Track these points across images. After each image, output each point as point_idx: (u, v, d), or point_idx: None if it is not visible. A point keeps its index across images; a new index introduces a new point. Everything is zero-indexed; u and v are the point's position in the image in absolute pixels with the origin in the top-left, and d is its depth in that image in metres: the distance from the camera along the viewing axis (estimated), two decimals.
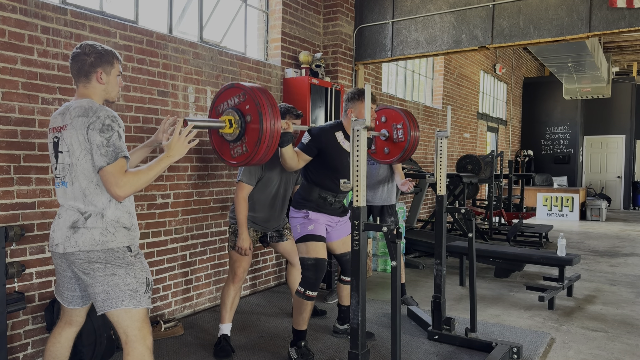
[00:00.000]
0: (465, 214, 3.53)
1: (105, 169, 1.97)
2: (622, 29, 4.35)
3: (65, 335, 2.30)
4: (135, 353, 2.06)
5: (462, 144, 10.00)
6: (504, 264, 5.45)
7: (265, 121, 2.19)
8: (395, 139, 3.68)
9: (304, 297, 3.08)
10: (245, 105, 2.26)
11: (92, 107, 2.01)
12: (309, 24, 5.39)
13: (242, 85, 2.29)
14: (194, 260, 4.19)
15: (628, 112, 13.47)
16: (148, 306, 2.12)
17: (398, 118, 3.65)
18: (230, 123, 2.26)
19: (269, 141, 2.21)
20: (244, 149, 2.25)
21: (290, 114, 3.38)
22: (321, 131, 3.11)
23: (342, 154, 3.12)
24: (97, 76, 2.11)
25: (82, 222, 2.03)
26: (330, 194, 3.20)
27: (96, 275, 2.03)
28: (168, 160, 2.09)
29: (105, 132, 1.97)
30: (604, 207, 11.12)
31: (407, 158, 3.77)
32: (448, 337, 3.51)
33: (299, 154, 3.05)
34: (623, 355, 3.38)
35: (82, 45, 2.12)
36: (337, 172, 3.15)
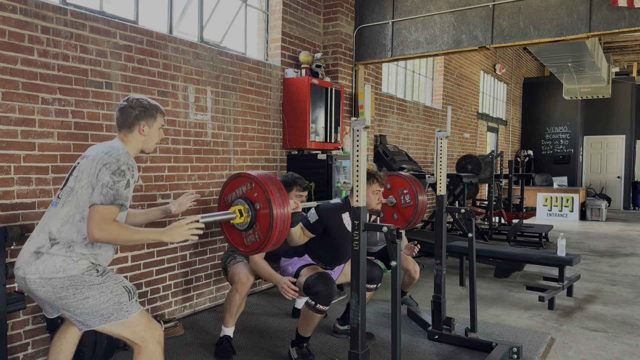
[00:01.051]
0: (465, 214, 3.53)
1: (97, 207, 1.97)
2: (622, 29, 4.35)
3: (71, 332, 2.32)
4: (146, 351, 2.08)
5: (462, 144, 10.00)
6: (504, 264, 5.45)
7: (275, 207, 2.21)
8: (403, 204, 3.68)
9: (314, 310, 2.98)
10: (253, 193, 2.29)
11: (119, 150, 2.08)
12: (309, 24, 5.39)
13: (248, 174, 2.33)
14: (194, 260, 4.19)
15: (628, 112, 13.47)
16: (139, 309, 2.11)
17: (403, 184, 3.67)
18: (241, 213, 2.29)
19: (281, 226, 2.24)
20: (257, 237, 2.28)
21: (297, 186, 3.36)
22: (328, 212, 3.07)
23: (345, 236, 3.11)
24: (140, 128, 2.21)
25: (47, 247, 2.02)
26: (322, 265, 3.26)
27: (67, 302, 2.01)
28: (160, 237, 2.05)
29: (116, 175, 2.01)
30: (604, 207, 11.12)
31: (417, 223, 3.75)
32: (448, 337, 3.51)
33: (304, 230, 3.04)
34: (623, 355, 3.38)
35: (130, 99, 2.22)
36: (336, 251, 3.19)
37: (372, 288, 3.38)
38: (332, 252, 3.21)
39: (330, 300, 2.96)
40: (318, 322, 3.07)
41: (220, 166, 4.37)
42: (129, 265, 3.64)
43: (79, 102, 3.28)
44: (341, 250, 3.19)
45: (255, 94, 4.73)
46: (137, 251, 3.71)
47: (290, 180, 3.38)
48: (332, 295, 2.95)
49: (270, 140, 4.93)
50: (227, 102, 4.42)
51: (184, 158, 4.04)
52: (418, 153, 8.24)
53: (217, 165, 4.34)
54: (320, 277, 2.97)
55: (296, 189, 3.37)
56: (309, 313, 3.01)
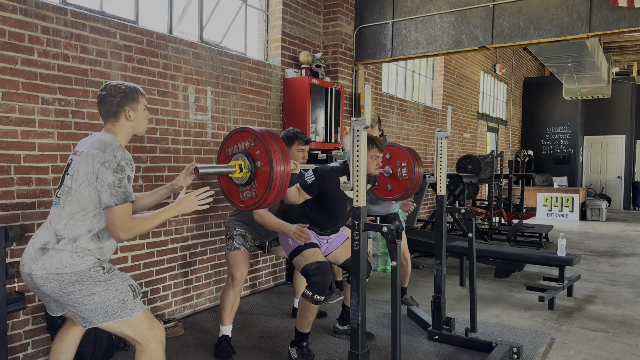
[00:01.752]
0: (465, 214, 3.53)
1: (113, 209, 2.00)
2: (622, 29, 4.35)
3: (72, 332, 2.33)
4: (148, 351, 2.09)
5: (462, 144, 10.00)
6: (504, 264, 5.45)
7: (276, 168, 2.20)
8: (399, 177, 3.69)
9: (311, 300, 3.03)
10: (255, 150, 2.27)
11: (112, 145, 2.06)
12: (309, 24, 5.39)
13: (253, 130, 2.30)
14: (194, 261, 4.19)
15: (628, 112, 13.47)
16: (143, 309, 2.11)
17: (403, 156, 3.68)
18: (241, 168, 2.28)
19: (279, 187, 2.22)
20: (253, 194, 2.26)
21: (299, 140, 3.35)
22: (326, 174, 3.07)
23: (342, 199, 3.11)
24: (125, 114, 2.18)
25: (52, 243, 2.03)
26: (318, 229, 3.24)
27: (73, 298, 2.02)
28: (174, 212, 2.14)
29: (118, 172, 2.01)
30: (604, 207, 11.12)
31: (410, 196, 3.76)
32: (448, 337, 3.51)
33: (301, 191, 3.04)
34: (623, 355, 3.38)
35: (106, 87, 2.18)
36: (333, 214, 3.18)
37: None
38: (327, 215, 3.18)
39: (325, 291, 3.04)
40: (315, 314, 3.10)
41: None
42: (129, 265, 3.64)
43: (79, 102, 3.28)
44: (336, 214, 3.17)
45: (256, 94, 4.73)
46: (137, 251, 3.71)
47: (292, 135, 3.35)
48: (327, 286, 3.05)
49: None
50: (227, 102, 4.42)
51: (184, 158, 4.04)
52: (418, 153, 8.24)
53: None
54: (319, 268, 3.02)
55: (298, 142, 3.34)
56: (306, 304, 3.06)
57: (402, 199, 3.79)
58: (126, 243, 3.60)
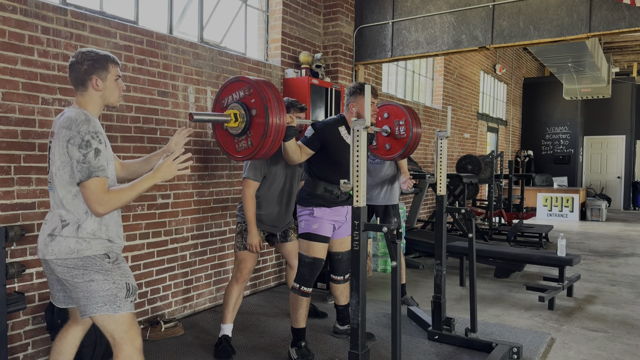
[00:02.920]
0: (465, 214, 3.53)
1: (83, 184, 1.98)
2: (622, 29, 4.35)
3: (72, 333, 2.32)
4: (123, 355, 2.06)
5: (462, 144, 10.00)
6: (504, 264, 5.45)
7: (271, 115, 2.17)
8: (397, 135, 3.68)
9: (299, 292, 3.12)
10: (250, 99, 2.24)
11: (77, 120, 1.99)
12: (309, 24, 5.40)
13: (248, 78, 2.27)
14: (194, 261, 4.19)
15: (628, 112, 13.47)
16: (130, 311, 2.10)
17: (400, 114, 3.66)
18: (236, 117, 2.24)
19: (275, 135, 2.19)
20: (249, 143, 2.24)
21: (294, 108, 3.37)
22: (324, 125, 3.12)
23: (345, 148, 3.13)
24: (93, 83, 2.07)
25: (58, 230, 2.04)
26: (335, 187, 3.21)
27: (76, 281, 2.03)
28: (152, 181, 2.07)
29: (83, 148, 1.96)
30: (604, 207, 11.12)
31: (409, 154, 3.77)
32: (448, 338, 3.51)
33: (302, 147, 3.06)
34: (623, 355, 3.38)
35: (77, 53, 2.08)
36: (340, 165, 3.17)
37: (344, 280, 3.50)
38: (334, 168, 3.17)
39: (311, 284, 3.15)
40: (306, 307, 3.15)
41: (220, 166, 4.37)
42: (129, 265, 3.64)
43: None
44: (342, 165, 3.15)
45: None
46: (137, 251, 3.71)
47: (288, 104, 3.36)
48: (312, 280, 3.15)
49: None
50: None
51: None
52: (418, 153, 8.24)
53: (217, 165, 4.34)
54: (312, 263, 3.12)
55: (293, 110, 3.35)
56: (295, 297, 3.14)
57: (401, 158, 3.78)
58: (126, 243, 3.60)
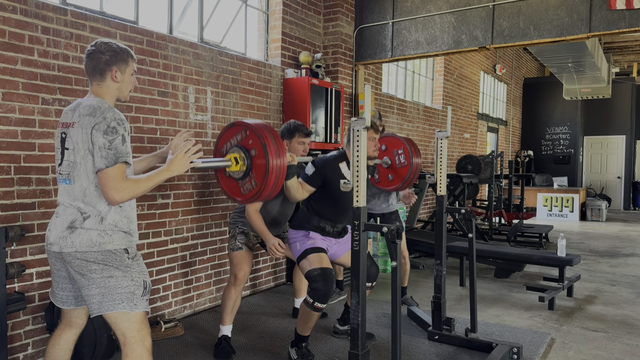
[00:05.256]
0: (465, 214, 3.53)
1: (104, 171, 1.96)
2: (622, 30, 4.35)
3: (65, 337, 2.28)
4: (134, 355, 2.06)
5: (462, 145, 10.00)
6: (504, 264, 5.45)
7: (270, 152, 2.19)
8: (398, 165, 3.69)
9: (311, 308, 2.98)
10: (248, 140, 2.26)
11: (101, 107, 2.00)
12: (309, 24, 5.39)
13: (242, 122, 2.31)
14: (194, 261, 4.19)
15: (628, 112, 13.47)
16: (145, 309, 2.10)
17: (398, 144, 3.69)
18: (236, 160, 2.26)
19: (277, 172, 2.21)
20: (253, 184, 2.25)
21: (299, 132, 3.34)
22: (325, 163, 3.07)
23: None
24: (112, 74, 2.10)
25: (79, 222, 2.02)
26: (329, 224, 3.20)
27: (93, 276, 2.01)
28: (167, 174, 2.08)
29: (109, 134, 1.96)
30: (604, 207, 11.12)
31: (412, 182, 3.76)
32: (448, 338, 3.51)
33: (303, 185, 3.02)
34: (623, 355, 3.38)
35: (97, 43, 2.10)
36: (339, 203, 3.15)
37: (368, 286, 3.37)
38: (333, 205, 3.14)
39: (327, 299, 2.96)
40: (316, 320, 3.07)
41: None
42: None
43: None
44: (342, 202, 3.13)
45: (256, 94, 4.73)
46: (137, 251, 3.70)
47: (292, 127, 3.34)
48: (329, 294, 2.96)
49: None
50: (227, 102, 4.42)
51: None
52: None
53: None
54: (322, 275, 2.96)
55: (298, 135, 3.33)
56: (306, 311, 3.02)
57: (404, 187, 3.78)
58: None
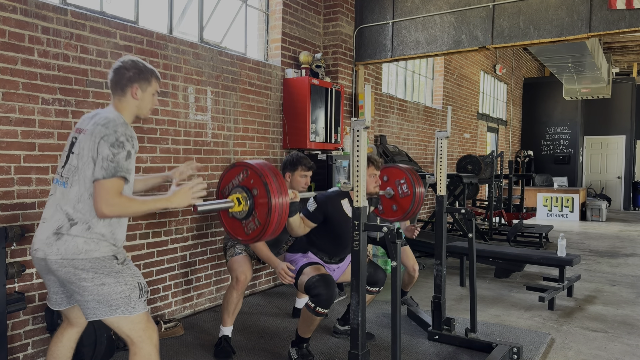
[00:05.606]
0: (465, 214, 3.53)
1: (100, 181, 1.95)
2: (622, 30, 4.35)
3: (67, 336, 2.30)
4: (142, 353, 2.07)
5: (462, 145, 10.00)
6: (504, 265, 5.45)
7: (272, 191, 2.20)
8: (401, 194, 3.68)
9: (313, 312, 2.96)
10: (249, 180, 2.28)
11: (115, 121, 2.03)
12: (309, 24, 5.40)
13: (243, 162, 2.34)
14: (194, 261, 4.19)
15: (628, 112, 13.47)
16: (145, 310, 2.11)
17: (400, 174, 3.68)
18: (239, 201, 2.27)
19: (280, 210, 2.22)
20: (257, 223, 2.26)
21: (302, 166, 3.35)
22: (327, 199, 3.07)
23: (347, 222, 3.09)
24: (133, 91, 2.14)
25: (66, 228, 2.01)
26: (326, 256, 3.22)
27: (84, 285, 2.00)
28: (166, 204, 2.08)
29: (115, 147, 1.97)
30: (604, 207, 11.12)
31: (417, 211, 3.74)
32: (448, 338, 3.51)
33: (304, 220, 3.02)
34: (623, 355, 3.38)
35: (125, 60, 2.16)
36: (340, 239, 3.16)
37: (374, 291, 3.34)
38: (334, 241, 3.17)
39: (330, 303, 2.95)
40: (318, 323, 3.06)
41: (221, 166, 4.37)
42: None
43: (79, 103, 3.28)
44: (343, 238, 3.15)
45: (256, 94, 4.73)
46: (137, 251, 3.71)
47: (295, 160, 3.35)
48: (332, 298, 2.94)
49: (270, 141, 4.93)
50: (227, 102, 4.42)
51: (184, 158, 4.04)
52: (418, 153, 8.24)
53: (217, 165, 4.34)
54: (322, 280, 2.95)
55: (301, 168, 3.34)
56: (308, 315, 3.00)
57: (409, 217, 3.77)
58: (126, 243, 3.60)
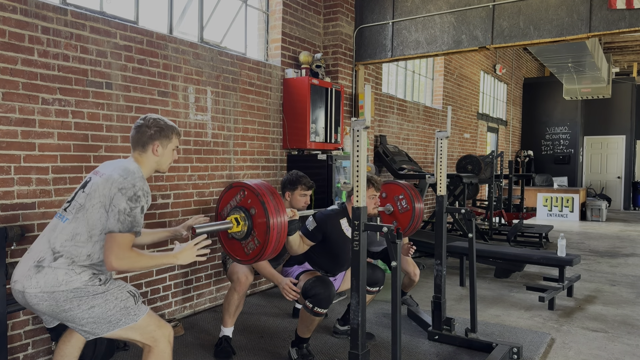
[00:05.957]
0: (465, 214, 3.53)
1: (114, 235, 1.98)
2: (622, 29, 4.35)
3: (76, 336, 2.31)
4: (155, 351, 2.10)
5: (462, 145, 10.00)
6: (504, 265, 5.44)
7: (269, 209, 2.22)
8: (401, 210, 3.70)
9: (311, 312, 2.97)
10: (247, 200, 2.31)
11: (135, 174, 2.07)
12: (309, 24, 5.39)
13: (239, 183, 2.37)
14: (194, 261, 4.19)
15: (628, 112, 13.47)
16: (146, 312, 2.11)
17: (398, 190, 3.71)
18: (237, 221, 2.30)
19: (279, 227, 2.24)
20: (256, 242, 2.29)
21: (301, 185, 3.35)
22: (326, 218, 3.08)
23: (345, 242, 3.12)
24: (154, 148, 2.21)
25: (49, 261, 1.99)
26: (322, 271, 3.25)
27: (72, 314, 1.99)
28: (172, 260, 2.15)
29: (133, 201, 2.01)
30: (604, 207, 11.12)
31: (417, 226, 3.75)
32: (448, 338, 3.51)
33: (303, 238, 3.03)
34: (623, 355, 3.38)
35: (147, 118, 2.23)
36: (337, 258, 3.19)
37: (374, 291, 3.36)
38: (332, 259, 3.21)
39: (328, 303, 2.95)
40: (317, 324, 3.07)
41: (221, 166, 4.37)
42: None
43: (79, 103, 3.28)
44: (341, 257, 3.19)
45: (256, 94, 4.73)
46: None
47: (295, 179, 3.37)
48: (330, 298, 2.94)
49: (270, 141, 4.93)
50: (227, 102, 4.42)
51: (184, 158, 4.04)
52: (418, 153, 8.24)
53: (217, 165, 4.34)
54: (319, 280, 2.97)
55: (300, 187, 3.36)
56: (307, 316, 3.01)
57: (410, 232, 3.77)
58: None
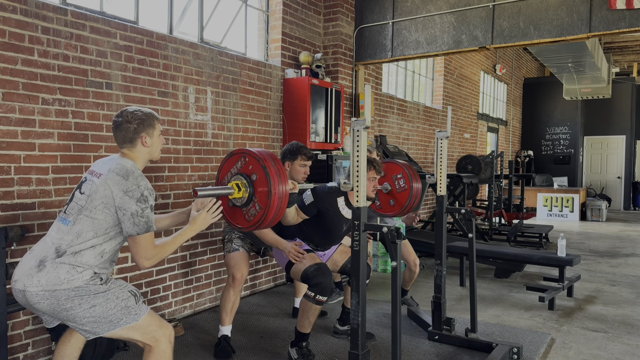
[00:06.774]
0: (465, 214, 3.53)
1: (136, 238, 2.04)
2: (622, 30, 4.35)
3: (76, 336, 2.31)
4: (156, 351, 2.10)
5: (462, 145, 10.00)
6: (504, 265, 5.45)
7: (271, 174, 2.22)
8: (399, 189, 3.70)
9: (313, 301, 3.01)
10: (248, 166, 2.31)
11: (134, 173, 2.07)
12: (309, 24, 5.40)
13: (240, 149, 2.37)
14: (194, 261, 4.19)
15: (628, 112, 13.47)
16: (147, 311, 2.12)
17: (396, 169, 3.70)
18: (238, 187, 2.30)
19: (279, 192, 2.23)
20: (257, 208, 2.28)
21: (301, 155, 3.36)
22: (324, 194, 3.08)
23: (339, 220, 3.14)
24: (142, 140, 2.20)
25: (51, 258, 1.99)
26: (312, 245, 3.27)
27: (73, 313, 1.99)
28: (191, 233, 2.22)
29: (142, 202, 2.03)
30: (604, 207, 11.12)
31: (413, 208, 3.76)
32: (448, 338, 3.51)
33: (299, 211, 3.06)
34: (623, 355, 3.38)
35: (123, 113, 2.19)
36: (329, 234, 3.21)
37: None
38: (324, 233, 3.22)
39: (328, 291, 3.01)
40: (317, 315, 3.10)
41: None
42: (129, 265, 3.64)
43: (79, 103, 3.28)
44: (333, 233, 3.21)
45: (256, 95, 4.73)
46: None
47: (295, 149, 3.36)
48: (330, 286, 3.02)
49: (270, 141, 4.93)
50: (227, 102, 4.43)
51: (184, 158, 4.04)
52: (418, 153, 8.24)
53: (217, 165, 4.34)
54: (320, 269, 3.01)
55: (301, 157, 3.35)
56: (308, 305, 3.04)
57: (407, 212, 3.78)
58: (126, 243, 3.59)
